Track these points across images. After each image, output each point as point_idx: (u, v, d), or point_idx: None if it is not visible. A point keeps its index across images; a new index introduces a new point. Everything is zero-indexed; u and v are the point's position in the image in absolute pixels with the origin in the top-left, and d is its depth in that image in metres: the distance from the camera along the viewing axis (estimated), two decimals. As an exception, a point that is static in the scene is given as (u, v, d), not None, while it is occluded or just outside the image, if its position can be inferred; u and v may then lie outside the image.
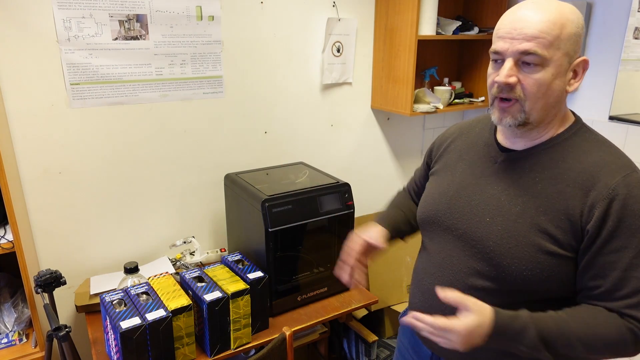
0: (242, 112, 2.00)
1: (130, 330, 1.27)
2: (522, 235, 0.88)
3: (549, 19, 0.83)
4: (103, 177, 1.78)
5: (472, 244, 0.95)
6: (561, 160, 0.90)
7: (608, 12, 1.87)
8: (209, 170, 1.99)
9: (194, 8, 1.77)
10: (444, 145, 1.13)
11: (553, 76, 0.85)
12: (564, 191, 0.87)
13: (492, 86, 0.90)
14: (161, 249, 1.97)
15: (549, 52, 0.83)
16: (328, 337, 1.95)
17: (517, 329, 0.84)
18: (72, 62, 1.61)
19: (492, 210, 0.94)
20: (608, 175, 0.85)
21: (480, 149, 1.03)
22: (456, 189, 1.02)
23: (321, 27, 2.08)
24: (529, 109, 0.87)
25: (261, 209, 1.59)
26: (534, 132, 0.93)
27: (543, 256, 0.86)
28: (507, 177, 0.94)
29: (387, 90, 2.22)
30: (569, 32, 0.84)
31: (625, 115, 1.87)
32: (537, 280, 0.87)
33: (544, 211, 0.88)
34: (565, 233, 0.86)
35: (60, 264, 1.77)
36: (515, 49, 0.84)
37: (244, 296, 1.47)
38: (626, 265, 0.83)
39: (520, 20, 0.85)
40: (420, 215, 1.10)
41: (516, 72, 0.85)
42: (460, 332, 0.83)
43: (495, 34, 0.90)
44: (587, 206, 0.84)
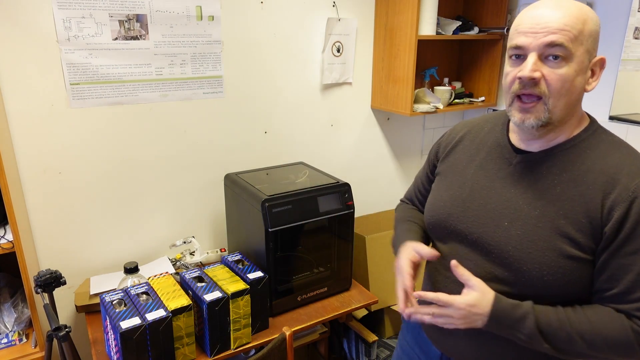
0: (242, 112, 2.00)
1: (130, 330, 1.27)
2: (544, 239, 0.87)
3: (572, 14, 0.82)
4: (103, 177, 1.78)
5: (489, 249, 0.93)
6: (579, 163, 0.88)
7: (608, 12, 1.87)
8: (209, 170, 1.99)
9: (194, 8, 1.77)
10: (451, 144, 1.09)
11: (576, 72, 0.83)
12: (584, 194, 0.85)
13: (513, 83, 0.86)
14: (161, 249, 1.97)
15: (573, 46, 0.82)
16: (328, 337, 1.95)
17: (516, 316, 0.86)
18: (72, 62, 1.61)
19: (510, 214, 0.91)
20: (628, 177, 0.84)
21: (493, 150, 1.00)
22: (469, 192, 0.99)
23: (321, 27, 2.08)
24: (552, 107, 0.84)
25: (261, 209, 1.59)
26: (552, 133, 0.90)
27: (564, 261, 0.85)
28: (524, 179, 0.92)
29: (387, 90, 2.22)
30: (590, 28, 0.84)
31: (625, 115, 1.87)
32: (557, 284, 0.86)
33: (564, 215, 0.86)
34: (585, 236, 0.85)
35: (60, 264, 1.77)
36: (540, 42, 0.82)
37: (244, 296, 1.47)
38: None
39: (543, 16, 0.83)
40: (430, 218, 1.06)
41: (540, 66, 0.83)
42: (459, 306, 0.86)
43: (515, 29, 0.87)
44: (607, 208, 0.83)
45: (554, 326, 0.85)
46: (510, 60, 0.88)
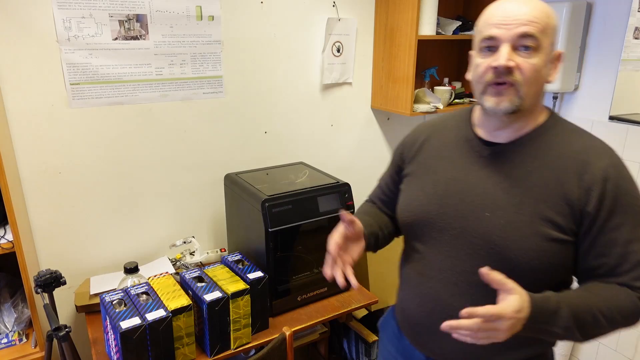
0: (242, 112, 2.00)
1: (130, 330, 1.27)
2: (527, 225, 0.89)
3: (539, 9, 0.87)
4: (103, 177, 1.78)
5: (474, 241, 0.94)
6: (548, 149, 0.92)
7: (608, 12, 1.87)
8: (209, 170, 1.99)
9: (194, 8, 1.77)
10: (416, 144, 1.10)
11: (544, 63, 0.88)
12: (559, 178, 0.89)
13: (486, 73, 0.89)
14: (161, 249, 1.97)
15: (542, 37, 0.86)
16: (328, 337, 1.95)
17: (551, 309, 0.84)
18: (72, 62, 1.61)
19: (490, 205, 0.93)
20: (596, 157, 0.89)
21: (461, 145, 1.01)
22: (444, 188, 1.00)
23: (321, 27, 2.08)
24: (524, 94, 0.88)
25: (261, 209, 1.59)
26: (518, 122, 0.94)
27: (548, 244, 0.88)
28: (498, 170, 0.94)
29: (387, 90, 2.22)
30: (553, 23, 0.89)
31: (625, 115, 1.87)
32: (543, 268, 0.89)
33: (543, 200, 0.89)
34: (566, 218, 0.88)
35: (60, 264, 1.77)
36: (513, 32, 0.86)
37: (244, 296, 1.47)
38: (625, 241, 0.87)
39: (512, 9, 0.87)
40: (406, 219, 1.06)
41: (513, 56, 0.87)
42: (509, 316, 0.79)
43: (485, 22, 0.90)
44: (584, 189, 0.87)
45: (582, 311, 0.85)
46: (481, 52, 0.91)
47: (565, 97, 2.08)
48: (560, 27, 1.89)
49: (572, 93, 2.05)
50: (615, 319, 0.87)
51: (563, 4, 1.86)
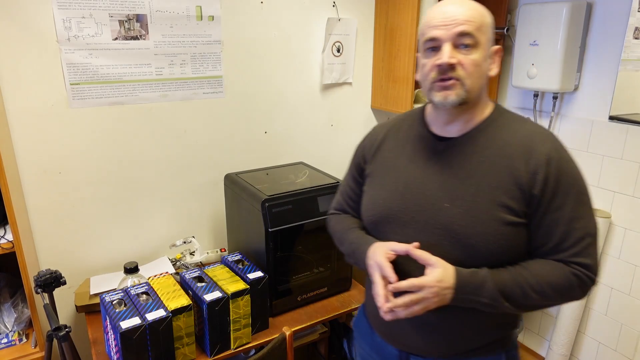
0: (242, 112, 2.00)
1: (130, 330, 1.28)
2: (484, 212, 0.94)
3: (473, 8, 0.95)
4: (103, 177, 1.78)
5: (437, 232, 0.98)
6: (497, 139, 0.99)
7: (608, 12, 1.87)
8: (209, 170, 1.99)
9: (194, 8, 1.77)
10: (375, 145, 1.15)
11: (483, 58, 0.95)
12: (509, 165, 0.95)
13: (431, 71, 0.95)
14: (161, 249, 1.97)
15: (478, 35, 0.94)
16: (328, 337, 1.95)
17: (477, 282, 0.93)
18: (72, 62, 1.61)
19: (449, 195, 0.98)
20: (540, 143, 0.96)
21: (417, 143, 1.07)
22: (405, 184, 1.04)
23: (321, 27, 2.08)
24: (469, 87, 0.94)
25: (261, 209, 1.59)
26: (467, 114, 1.00)
27: (506, 228, 0.94)
28: (453, 162, 1.00)
29: (387, 90, 2.22)
30: (488, 21, 0.97)
31: (625, 115, 1.87)
32: (502, 251, 0.95)
33: (496, 186, 0.95)
34: (518, 202, 0.94)
35: (60, 264, 1.77)
36: (452, 32, 0.93)
37: (244, 296, 1.47)
38: (568, 219, 0.94)
39: (449, 12, 0.94)
40: (371, 217, 1.09)
41: (455, 54, 0.93)
42: (431, 284, 0.91)
43: (427, 25, 0.97)
44: (531, 173, 0.94)
45: (509, 285, 0.93)
46: (425, 53, 0.98)
47: (565, 97, 2.08)
48: (560, 27, 1.89)
49: (572, 93, 2.05)
50: (546, 292, 0.94)
51: (563, 4, 1.86)
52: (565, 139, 2.11)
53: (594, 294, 2.10)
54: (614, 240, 1.99)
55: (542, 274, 0.94)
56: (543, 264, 0.96)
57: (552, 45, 1.92)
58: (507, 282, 0.93)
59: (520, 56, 2.06)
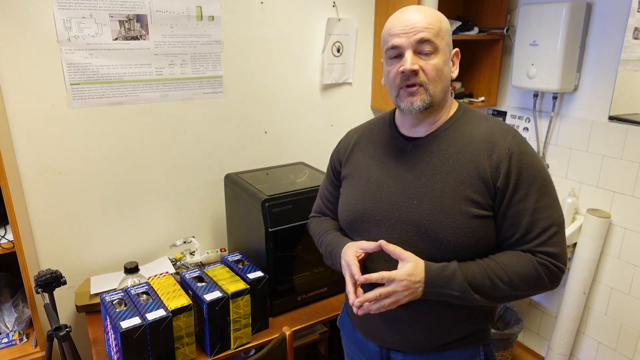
0: (242, 112, 2.01)
1: (131, 330, 1.28)
2: (451, 207, 0.98)
3: (430, 15, 0.99)
4: (103, 177, 1.78)
5: (407, 228, 1.01)
6: (461, 136, 1.03)
7: (608, 12, 1.87)
8: (209, 170, 2.00)
9: (194, 8, 1.77)
10: (349, 149, 1.20)
11: (444, 62, 1.00)
12: (472, 160, 0.99)
13: (396, 78, 1.00)
14: (161, 249, 1.97)
15: (437, 40, 0.98)
16: (328, 337, 1.95)
17: (447, 276, 0.96)
18: (73, 62, 1.61)
19: (417, 192, 1.02)
20: (501, 138, 1.00)
21: (387, 145, 1.12)
22: (377, 185, 1.08)
23: (321, 27, 2.08)
24: (432, 92, 0.99)
25: (261, 209, 1.59)
26: (432, 116, 1.05)
27: (472, 221, 0.97)
28: (420, 161, 1.04)
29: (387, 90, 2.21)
30: (446, 26, 1.01)
31: (625, 115, 1.87)
32: (470, 244, 0.98)
33: (461, 181, 0.99)
34: (483, 195, 0.98)
35: (61, 263, 1.77)
36: (412, 39, 0.97)
37: (244, 296, 1.47)
38: (532, 210, 0.97)
39: (409, 19, 0.98)
40: (347, 217, 1.13)
41: (417, 60, 0.98)
42: (400, 277, 0.94)
43: (388, 33, 1.01)
44: (493, 167, 0.98)
45: (478, 277, 0.96)
46: (388, 60, 1.03)
47: (565, 97, 2.08)
48: (560, 27, 1.89)
49: (572, 93, 2.05)
50: (514, 283, 0.96)
51: (563, 4, 1.87)
52: (565, 139, 2.12)
53: (594, 294, 2.11)
54: (614, 240, 1.99)
55: (509, 264, 0.97)
56: (510, 255, 0.99)
57: (551, 45, 1.93)
58: (476, 275, 0.96)
59: (520, 56, 2.06)
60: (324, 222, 1.27)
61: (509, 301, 1.03)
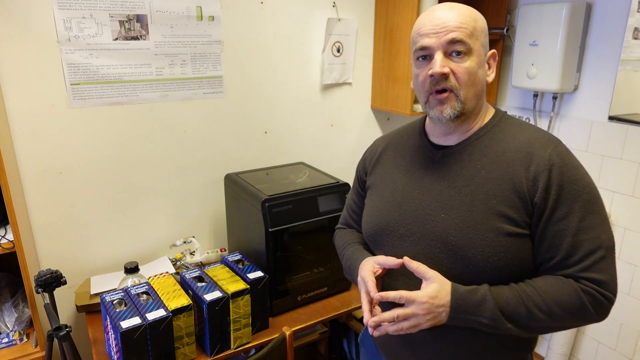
0: (242, 112, 2.01)
1: (131, 330, 1.28)
2: (481, 222, 0.89)
3: (464, 14, 0.90)
4: (103, 177, 1.78)
5: (432, 244, 0.93)
6: (495, 146, 0.94)
7: (608, 12, 1.87)
8: (209, 170, 2.00)
9: (194, 8, 1.77)
10: (375, 157, 1.13)
11: (478, 65, 0.91)
12: (507, 171, 0.90)
13: (425, 82, 0.92)
14: (161, 249, 1.97)
15: (471, 41, 0.89)
16: (328, 337, 1.95)
17: (476, 300, 0.86)
18: (73, 62, 1.62)
19: (444, 205, 0.94)
20: (540, 149, 0.90)
21: (415, 153, 1.04)
22: (402, 196, 1.01)
23: (321, 27, 2.08)
24: (464, 98, 0.91)
25: (261, 209, 1.59)
26: (465, 125, 0.96)
27: (504, 239, 0.88)
28: (450, 171, 0.96)
29: (387, 90, 2.22)
30: (481, 25, 0.93)
31: (625, 115, 1.87)
32: (502, 264, 0.88)
33: (493, 195, 0.90)
34: (518, 211, 0.88)
35: (61, 263, 1.77)
36: (443, 40, 0.89)
37: (244, 296, 1.47)
38: (575, 230, 0.86)
39: (440, 18, 0.90)
40: (370, 229, 1.06)
41: (447, 63, 0.89)
42: (422, 300, 0.85)
43: (417, 33, 0.93)
44: (531, 180, 0.88)
45: (512, 303, 0.86)
46: (417, 62, 0.95)
47: (564, 97, 2.08)
48: (560, 27, 1.89)
49: (572, 93, 2.05)
50: (554, 312, 0.86)
51: (563, 4, 1.87)
52: (565, 139, 2.11)
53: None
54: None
55: (548, 291, 0.86)
56: (549, 280, 0.88)
57: (551, 45, 1.93)
58: (509, 301, 0.86)
59: (520, 56, 2.07)
60: (348, 234, 1.20)
61: (547, 332, 0.92)
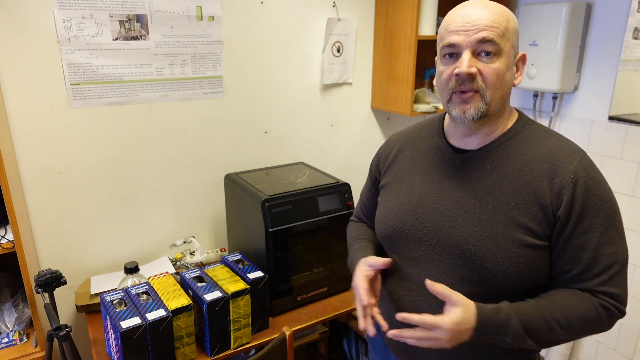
0: (242, 112, 2.01)
1: (131, 330, 1.28)
2: (500, 232, 0.88)
3: (497, 12, 0.87)
4: (103, 177, 1.78)
5: (450, 250, 0.92)
6: (519, 154, 0.91)
7: (608, 12, 1.87)
8: (209, 170, 2.00)
9: (194, 8, 1.77)
10: (391, 156, 1.10)
11: (506, 67, 0.88)
12: (530, 182, 0.88)
13: (449, 80, 0.89)
14: (161, 249, 1.97)
15: (502, 42, 0.86)
16: (328, 337, 1.95)
17: (500, 320, 0.85)
18: (73, 62, 1.61)
19: (464, 213, 0.92)
20: (566, 161, 0.88)
21: (434, 155, 1.01)
22: (419, 198, 0.98)
23: (321, 27, 2.08)
24: (489, 99, 0.87)
25: (261, 209, 1.59)
26: (487, 127, 0.93)
27: (524, 250, 0.87)
28: (470, 177, 0.94)
29: (387, 90, 2.22)
30: (513, 26, 0.89)
31: (625, 115, 1.87)
32: (520, 275, 0.88)
33: (515, 205, 0.88)
34: (539, 223, 0.87)
35: (61, 263, 1.77)
36: (473, 38, 0.85)
37: (244, 296, 1.47)
38: (595, 245, 0.86)
39: (471, 15, 0.86)
40: (383, 231, 1.04)
41: (475, 62, 0.86)
42: (447, 327, 0.83)
43: (445, 29, 0.89)
44: (555, 193, 0.86)
45: (534, 321, 0.86)
46: (443, 59, 0.91)
47: (564, 97, 2.08)
48: (560, 27, 1.89)
49: (572, 93, 2.05)
50: (573, 327, 0.87)
51: (563, 4, 1.87)
52: (565, 139, 2.12)
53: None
54: (614, 240, 1.99)
55: (568, 307, 0.87)
56: (568, 295, 0.88)
57: (551, 45, 1.93)
58: (531, 318, 0.85)
59: (520, 56, 2.06)
60: (357, 229, 1.19)
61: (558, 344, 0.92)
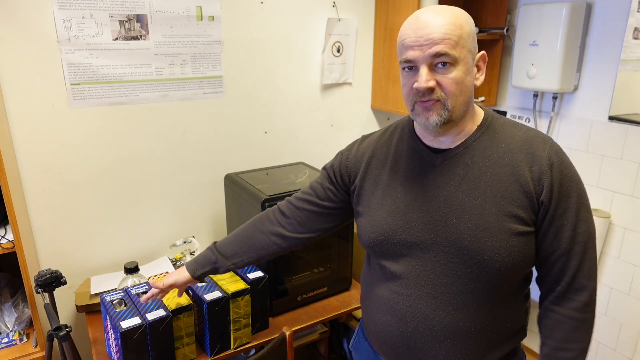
0: (242, 112, 2.01)
1: (131, 330, 1.28)
2: (493, 224, 0.90)
3: (449, 22, 0.87)
4: (103, 177, 1.78)
5: (446, 250, 0.93)
6: (495, 146, 0.94)
7: (608, 12, 1.87)
8: (209, 170, 2.00)
9: (194, 8, 1.77)
10: (363, 162, 1.08)
11: (465, 73, 0.89)
12: (512, 172, 0.92)
13: (411, 94, 0.91)
14: (161, 249, 1.97)
15: (457, 51, 0.87)
16: (328, 337, 1.95)
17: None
18: (73, 62, 1.61)
19: (455, 210, 0.93)
20: (539, 148, 0.92)
21: (412, 157, 1.01)
22: (406, 203, 0.98)
23: (321, 27, 2.08)
24: (451, 107, 0.89)
25: (261, 209, 1.59)
26: (455, 128, 0.95)
27: (517, 238, 0.90)
28: (454, 175, 0.95)
29: (387, 90, 2.22)
30: (467, 31, 0.90)
31: (625, 115, 1.87)
32: (515, 263, 0.91)
33: (502, 196, 0.91)
34: (526, 210, 0.91)
35: (61, 263, 1.77)
36: (427, 53, 0.86)
37: (244, 296, 1.47)
38: (573, 224, 0.92)
39: (424, 27, 0.87)
40: (372, 239, 1.02)
41: (432, 75, 0.88)
42: None
43: (402, 44, 0.91)
44: (536, 179, 0.90)
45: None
46: (403, 72, 0.93)
47: (564, 97, 2.08)
48: (560, 27, 1.89)
49: (572, 93, 2.05)
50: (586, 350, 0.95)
51: (563, 4, 1.87)
52: (565, 139, 2.12)
53: (593, 294, 2.10)
54: (614, 240, 1.99)
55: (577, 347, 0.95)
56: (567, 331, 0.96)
57: (551, 45, 1.93)
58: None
59: (520, 56, 2.06)
60: (259, 224, 1.23)
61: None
